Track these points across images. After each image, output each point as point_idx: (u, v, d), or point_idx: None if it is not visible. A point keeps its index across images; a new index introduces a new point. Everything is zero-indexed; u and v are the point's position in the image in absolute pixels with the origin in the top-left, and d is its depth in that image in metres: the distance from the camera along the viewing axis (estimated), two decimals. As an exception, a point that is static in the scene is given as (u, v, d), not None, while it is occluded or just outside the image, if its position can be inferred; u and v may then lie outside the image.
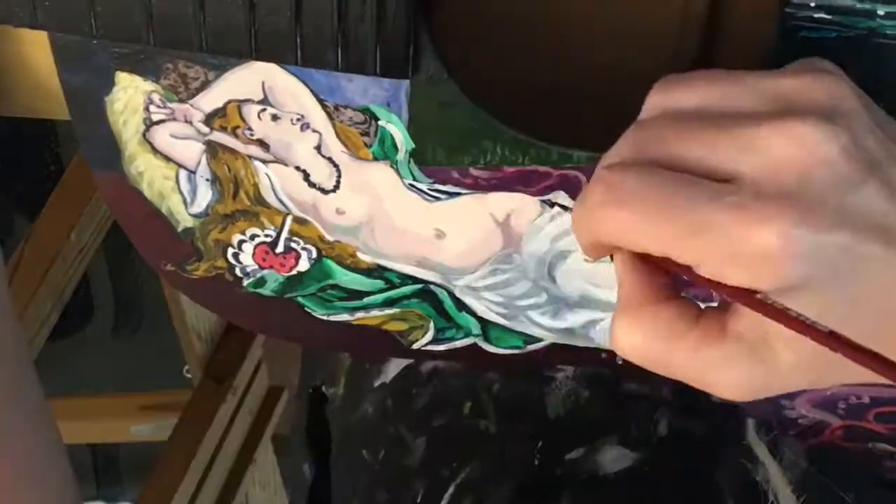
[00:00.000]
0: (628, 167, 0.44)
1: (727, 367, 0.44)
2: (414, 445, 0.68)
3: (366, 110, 0.54)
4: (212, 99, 0.54)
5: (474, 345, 0.60)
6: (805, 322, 0.41)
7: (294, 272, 0.58)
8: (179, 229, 0.58)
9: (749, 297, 0.42)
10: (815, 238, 0.41)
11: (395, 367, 0.69)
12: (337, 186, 0.56)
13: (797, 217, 0.40)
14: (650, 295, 0.45)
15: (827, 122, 0.42)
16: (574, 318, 0.58)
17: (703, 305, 0.45)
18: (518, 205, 0.55)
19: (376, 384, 0.71)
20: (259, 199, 0.57)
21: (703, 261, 0.42)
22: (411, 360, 0.68)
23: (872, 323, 0.42)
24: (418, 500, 0.66)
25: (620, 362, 0.60)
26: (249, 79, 0.54)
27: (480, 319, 0.59)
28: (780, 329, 0.42)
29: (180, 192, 0.57)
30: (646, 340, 0.44)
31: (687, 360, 0.44)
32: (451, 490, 0.65)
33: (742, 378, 0.44)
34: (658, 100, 0.46)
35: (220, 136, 0.55)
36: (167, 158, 0.56)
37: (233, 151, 0.56)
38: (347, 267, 0.58)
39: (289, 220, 0.57)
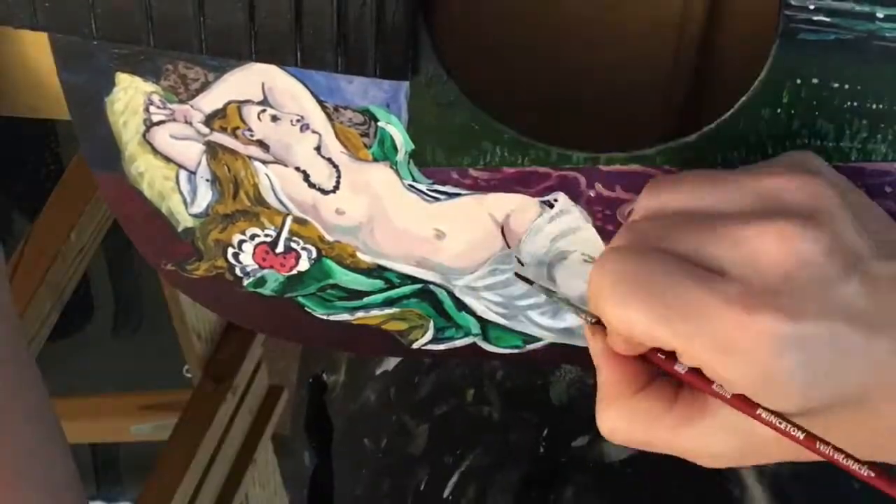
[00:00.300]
0: (623, 250, 0.46)
1: (706, 442, 0.47)
2: (417, 433, 0.68)
3: (365, 111, 0.54)
4: (212, 100, 0.54)
5: (474, 344, 0.60)
6: (779, 425, 0.44)
7: (294, 272, 0.58)
8: (180, 229, 0.58)
9: (727, 398, 0.45)
10: (797, 335, 0.43)
11: (396, 354, 0.70)
12: (337, 187, 0.56)
13: (782, 314, 0.43)
14: (627, 385, 0.48)
15: (808, 224, 0.44)
16: (573, 318, 0.58)
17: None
18: (517, 205, 0.55)
19: (378, 372, 0.71)
20: (259, 200, 0.57)
21: (690, 347, 0.44)
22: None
23: (854, 413, 0.45)
24: (422, 488, 0.67)
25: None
26: (249, 80, 0.54)
27: (480, 319, 0.59)
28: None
29: (180, 193, 0.57)
30: (628, 429, 0.48)
31: (668, 440, 0.48)
32: (454, 478, 0.66)
33: (721, 451, 0.47)
34: (646, 202, 0.48)
35: (220, 137, 0.55)
36: (167, 159, 0.56)
37: (233, 152, 0.56)
38: (347, 267, 0.58)
39: (289, 220, 0.57)
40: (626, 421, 0.48)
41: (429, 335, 0.60)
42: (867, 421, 0.45)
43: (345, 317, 0.60)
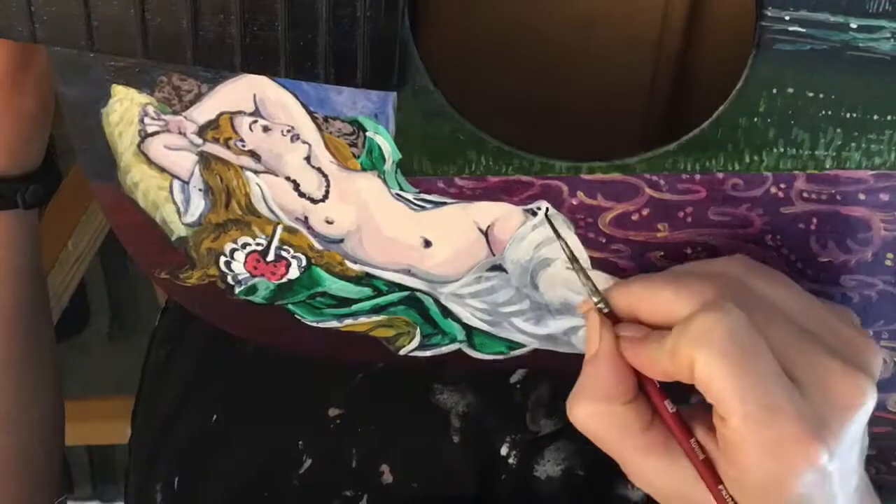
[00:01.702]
0: (742, 315, 0.47)
1: (655, 477, 0.49)
2: None
3: (354, 122, 0.54)
4: (205, 111, 0.55)
5: (459, 350, 0.60)
6: None
7: (284, 280, 0.59)
8: (173, 238, 0.58)
9: (698, 459, 0.48)
10: (828, 474, 0.46)
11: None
12: (326, 196, 0.56)
13: (830, 455, 0.45)
14: (618, 393, 0.49)
15: (874, 389, 0.48)
16: (556, 325, 0.59)
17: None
18: (502, 213, 0.56)
19: None
20: (250, 209, 0.57)
21: (742, 425, 0.45)
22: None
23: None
24: None
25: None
26: (241, 91, 0.54)
27: (465, 326, 0.59)
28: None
29: (174, 202, 0.57)
30: (601, 429, 0.49)
31: (628, 458, 0.49)
32: None
33: (659, 490, 0.49)
34: (740, 269, 0.51)
35: (212, 148, 0.56)
36: (161, 169, 0.56)
37: (225, 162, 0.56)
38: (336, 275, 0.58)
39: (279, 229, 0.57)
40: (601, 424, 0.49)
41: (415, 342, 0.60)
42: None
43: (334, 324, 0.60)
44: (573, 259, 0.52)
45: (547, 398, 0.66)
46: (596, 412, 0.49)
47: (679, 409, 0.49)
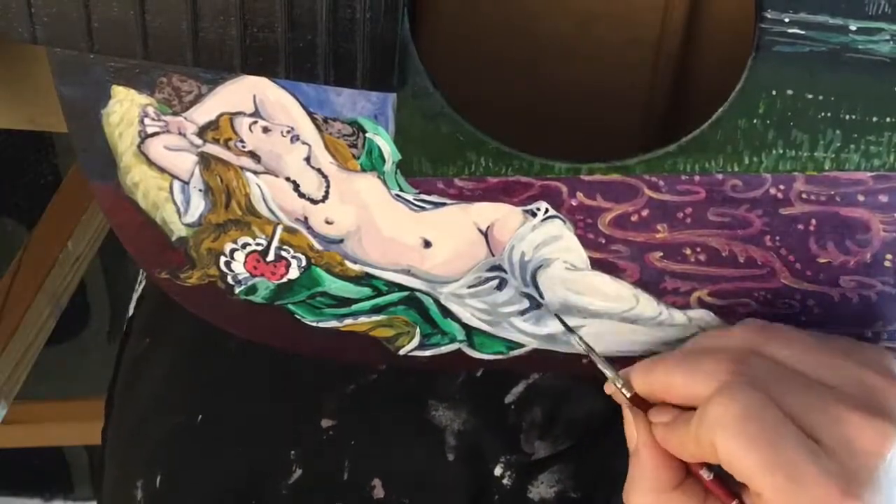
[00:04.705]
0: (748, 390, 0.48)
1: None
2: None
3: (354, 123, 0.54)
4: (205, 112, 0.55)
5: (459, 350, 0.61)
6: None
7: (284, 280, 0.59)
8: (173, 238, 0.58)
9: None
10: None
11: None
12: (326, 197, 0.56)
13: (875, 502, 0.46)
14: (667, 480, 0.50)
15: None
16: (556, 325, 0.59)
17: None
18: (501, 214, 0.56)
19: None
20: (250, 209, 0.57)
21: (776, 499, 0.46)
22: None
23: None
24: None
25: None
26: (241, 92, 0.54)
27: (465, 326, 0.60)
28: None
29: (174, 203, 0.57)
30: None
31: None
32: None
33: None
34: (753, 334, 0.52)
35: (212, 148, 0.56)
36: (161, 170, 0.56)
37: (225, 163, 0.56)
38: (336, 275, 0.58)
39: (279, 229, 0.57)
40: None
41: (415, 342, 0.61)
42: None
43: (333, 324, 0.60)
44: (590, 350, 0.54)
45: (541, 420, 0.66)
46: (651, 503, 0.50)
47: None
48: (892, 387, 0.50)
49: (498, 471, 0.66)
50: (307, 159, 0.56)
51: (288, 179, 0.56)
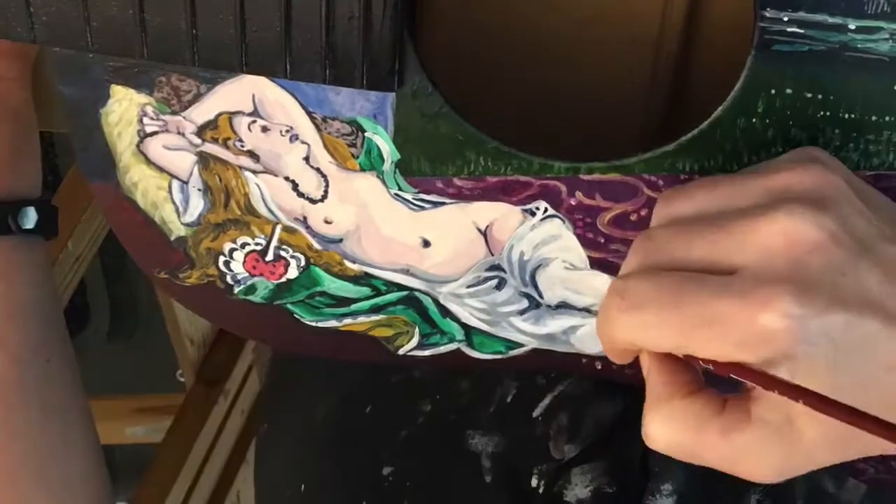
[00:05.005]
0: (638, 274, 0.46)
1: (755, 451, 0.45)
2: None
3: (353, 122, 0.54)
4: (204, 111, 0.55)
5: (458, 350, 0.61)
6: (824, 398, 0.42)
7: (283, 279, 0.59)
8: (172, 238, 0.58)
9: (770, 380, 0.43)
10: (814, 319, 0.42)
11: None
12: (325, 196, 0.56)
13: (794, 299, 0.42)
14: (676, 390, 0.46)
15: (815, 210, 0.44)
16: (555, 324, 0.59)
17: None
18: (500, 214, 0.56)
19: None
20: (249, 209, 0.57)
21: (716, 351, 0.44)
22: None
23: (882, 397, 0.44)
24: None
25: (600, 367, 0.61)
26: (240, 91, 0.54)
27: (464, 325, 0.60)
28: (803, 409, 0.43)
29: (173, 202, 0.57)
30: (676, 432, 0.46)
31: (716, 448, 0.45)
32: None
33: (770, 460, 0.45)
34: (662, 211, 0.49)
35: (211, 148, 0.56)
36: (160, 169, 0.56)
37: (224, 162, 0.56)
38: (335, 274, 0.58)
39: (278, 228, 0.57)
40: (675, 424, 0.46)
41: (414, 341, 0.61)
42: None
43: (332, 323, 0.60)
44: None
45: (567, 424, 0.66)
46: (666, 415, 0.46)
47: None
48: (794, 174, 0.46)
49: (534, 482, 0.66)
50: (306, 159, 0.56)
51: (287, 179, 0.56)
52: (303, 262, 0.58)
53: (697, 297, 0.44)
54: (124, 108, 0.55)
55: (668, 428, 0.46)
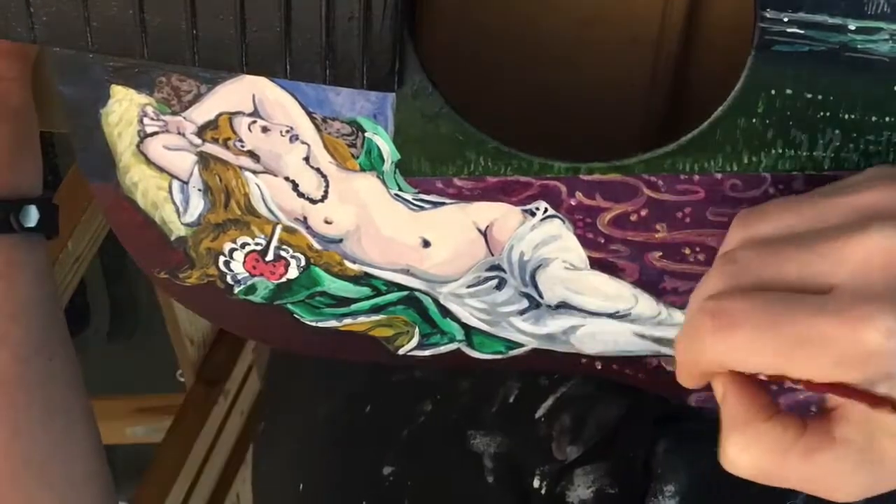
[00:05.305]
0: (730, 295, 0.45)
1: (839, 471, 0.45)
2: None
3: (353, 122, 0.54)
4: (204, 111, 0.55)
5: (458, 350, 0.61)
6: None
7: (283, 279, 0.59)
8: (172, 238, 0.58)
9: (872, 398, 0.43)
10: None
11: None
12: (325, 196, 0.56)
13: (894, 316, 0.42)
14: (757, 413, 0.46)
15: None
16: (555, 324, 0.59)
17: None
18: (500, 214, 0.56)
19: None
20: (249, 209, 0.57)
21: (816, 371, 0.43)
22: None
23: None
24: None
25: (599, 367, 0.61)
26: (240, 92, 0.54)
27: (464, 325, 0.60)
28: (887, 427, 0.43)
29: (173, 202, 0.57)
30: (760, 456, 0.45)
31: (799, 469, 0.45)
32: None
33: (855, 479, 0.45)
34: (740, 233, 0.48)
35: (211, 148, 0.56)
36: (160, 169, 0.56)
37: (224, 162, 0.56)
38: (335, 275, 0.58)
39: (278, 229, 0.57)
40: (758, 448, 0.45)
41: (414, 341, 0.61)
42: None
43: (333, 323, 0.60)
44: None
45: (570, 425, 0.66)
46: (747, 439, 0.46)
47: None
48: (883, 192, 0.45)
49: (536, 483, 0.66)
50: (306, 159, 0.56)
51: (287, 179, 0.56)
52: (303, 262, 0.58)
53: (795, 316, 0.43)
54: (124, 108, 0.55)
55: (752, 452, 0.46)
